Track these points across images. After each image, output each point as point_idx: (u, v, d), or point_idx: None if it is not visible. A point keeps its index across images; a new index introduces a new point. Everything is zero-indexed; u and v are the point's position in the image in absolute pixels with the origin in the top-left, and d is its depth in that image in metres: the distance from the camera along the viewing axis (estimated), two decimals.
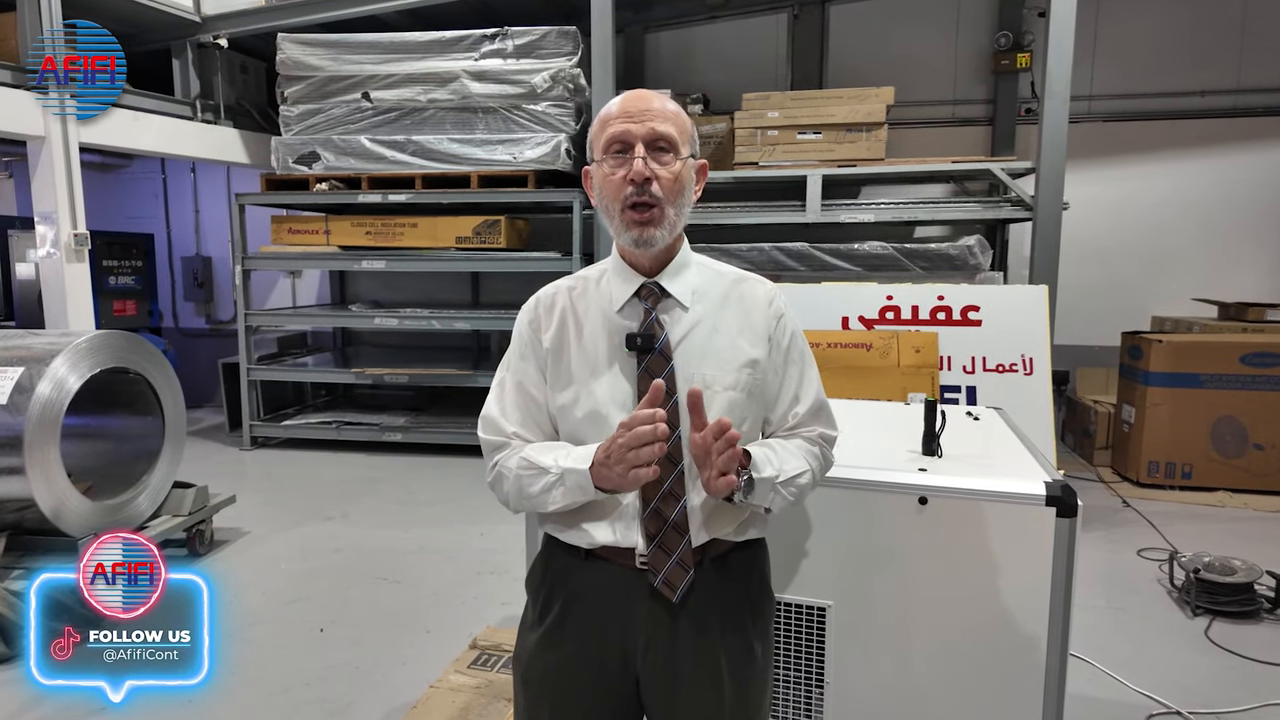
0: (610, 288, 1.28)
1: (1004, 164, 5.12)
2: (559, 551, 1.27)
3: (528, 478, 1.20)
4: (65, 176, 5.09)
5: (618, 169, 1.20)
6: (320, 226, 6.05)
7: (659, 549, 1.19)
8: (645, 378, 1.20)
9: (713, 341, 1.26)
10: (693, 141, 1.26)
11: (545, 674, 1.26)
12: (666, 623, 1.21)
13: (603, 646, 1.23)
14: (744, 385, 1.25)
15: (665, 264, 1.27)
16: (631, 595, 1.21)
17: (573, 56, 5.44)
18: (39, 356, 3.30)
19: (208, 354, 7.48)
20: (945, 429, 2.05)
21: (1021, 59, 5.93)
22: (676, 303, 1.26)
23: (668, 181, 1.20)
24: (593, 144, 1.26)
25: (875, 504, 1.63)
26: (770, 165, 5.44)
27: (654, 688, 1.23)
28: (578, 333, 1.27)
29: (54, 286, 5.22)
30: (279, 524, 4.49)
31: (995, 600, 1.58)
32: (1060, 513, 1.51)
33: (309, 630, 3.20)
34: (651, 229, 1.20)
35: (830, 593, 1.67)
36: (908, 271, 5.24)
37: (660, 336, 1.23)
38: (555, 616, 1.25)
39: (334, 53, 5.72)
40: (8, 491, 3.17)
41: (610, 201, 1.22)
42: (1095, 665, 2.83)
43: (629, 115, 1.20)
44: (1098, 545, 4.09)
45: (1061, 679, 1.54)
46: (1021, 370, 4.51)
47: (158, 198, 7.86)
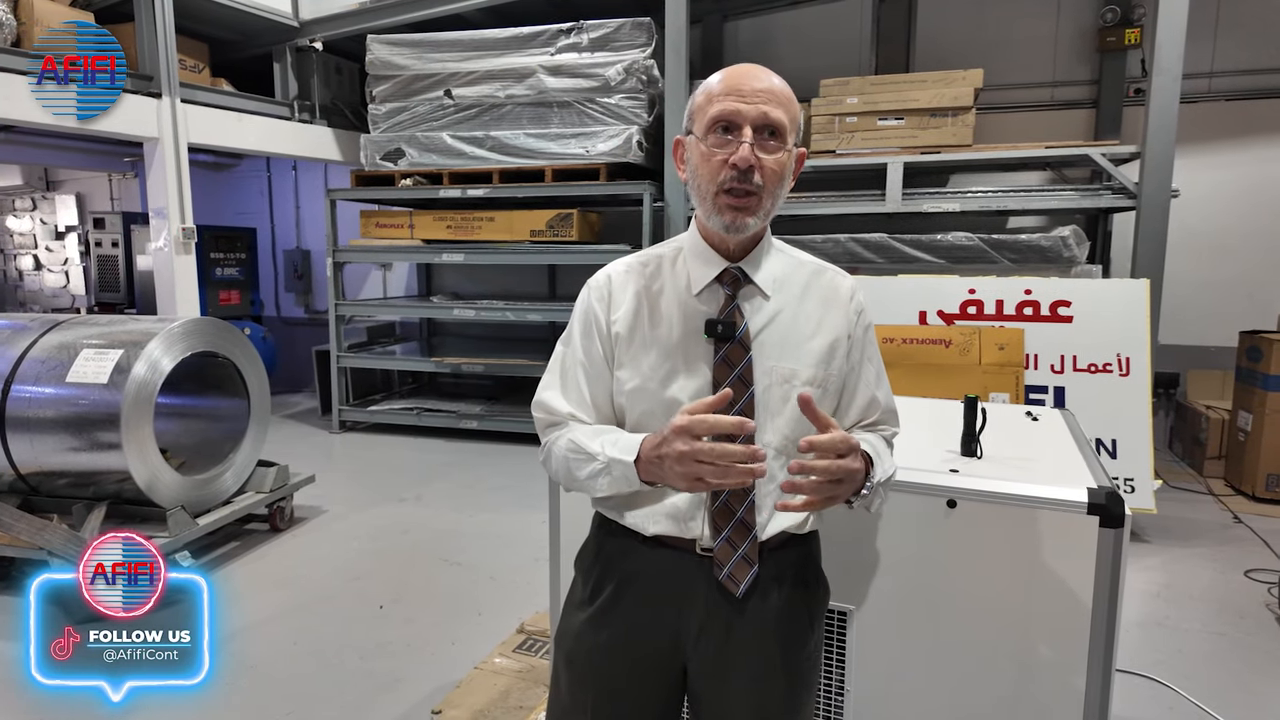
0: (689, 269, 1.22)
1: (1105, 148, 4.74)
2: (615, 533, 1.24)
3: (575, 461, 1.17)
4: (175, 175, 5.49)
5: (719, 149, 1.12)
6: (405, 220, 6.27)
7: (726, 543, 1.16)
8: (723, 367, 1.16)
9: (793, 333, 1.20)
10: (798, 129, 1.18)
11: (591, 654, 1.23)
12: (723, 612, 1.18)
13: (655, 631, 1.20)
14: (823, 381, 1.20)
15: (749, 249, 1.21)
16: (690, 582, 1.18)
17: (646, 48, 5.42)
18: (137, 340, 3.56)
19: (306, 342, 7.91)
20: (996, 429, 1.91)
21: (1130, 35, 5.47)
22: (758, 290, 1.21)
23: (771, 171, 1.13)
24: (694, 115, 1.17)
25: (901, 505, 1.53)
26: (848, 153, 5.25)
27: (704, 676, 1.20)
28: (651, 314, 1.21)
29: (165, 277, 5.64)
30: (356, 504, 4.70)
31: (1030, 615, 1.46)
32: (1104, 522, 1.37)
33: (370, 607, 3.33)
34: (746, 216, 1.14)
35: (852, 597, 1.59)
36: (995, 264, 4.94)
37: (741, 325, 1.17)
38: (607, 598, 1.22)
39: (418, 52, 5.91)
40: (107, 464, 3.45)
41: (706, 182, 1.14)
42: (1180, 693, 2.59)
43: (740, 93, 1.12)
44: (1201, 563, 3.74)
45: (1104, 705, 1.40)
46: (1117, 370, 4.18)
47: (263, 194, 8.38)
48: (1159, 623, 3.16)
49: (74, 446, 3.47)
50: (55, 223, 9.25)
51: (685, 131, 1.20)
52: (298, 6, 6.30)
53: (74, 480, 3.59)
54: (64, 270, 9.14)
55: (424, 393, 7.20)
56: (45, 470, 3.58)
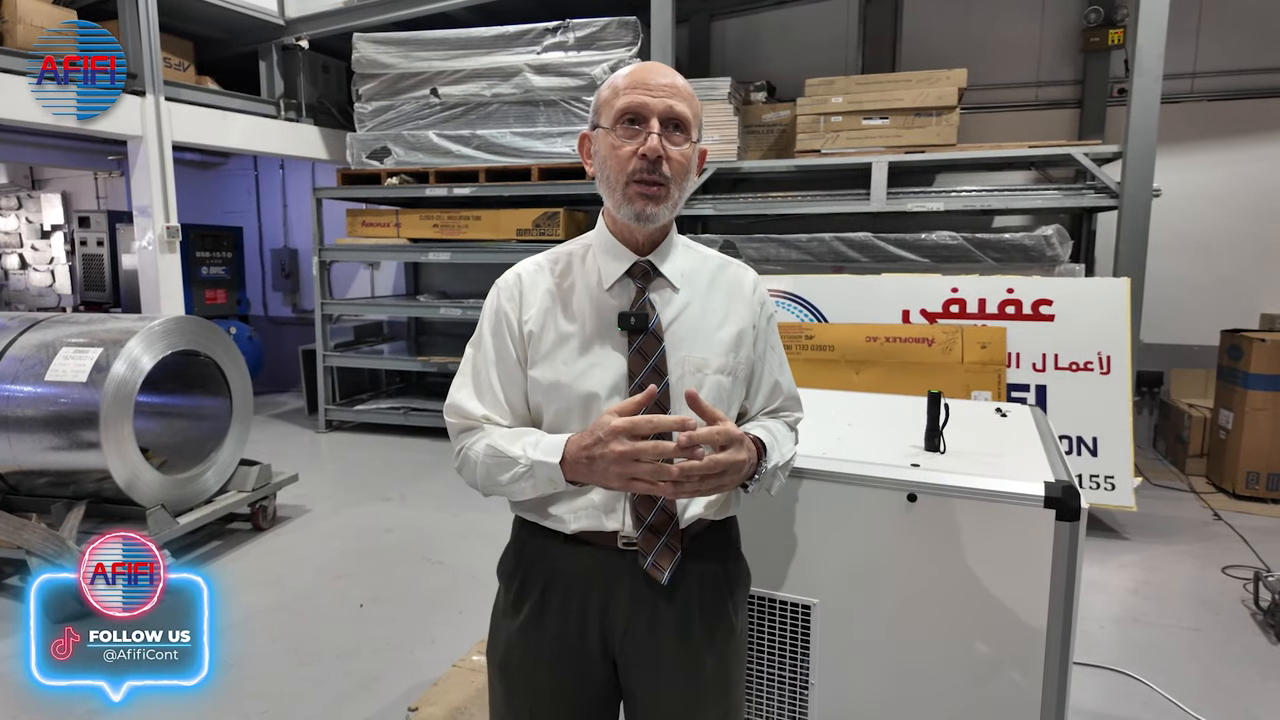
0: (599, 264, 1.24)
1: (1087, 148, 4.77)
2: (534, 536, 1.24)
3: (495, 466, 1.17)
4: (160, 173, 5.47)
5: (628, 140, 1.15)
6: (391, 219, 6.26)
7: (649, 531, 1.17)
8: (637, 358, 1.18)
9: (703, 324, 1.24)
10: (701, 125, 1.22)
11: (524, 663, 1.23)
12: (649, 603, 1.19)
13: (583, 630, 1.20)
14: (731, 369, 1.24)
15: (657, 243, 1.24)
16: (614, 577, 1.19)
17: (633, 47, 5.42)
18: (117, 338, 3.55)
19: (294, 341, 7.89)
20: (964, 426, 1.93)
21: (1114, 35, 5.51)
22: (667, 283, 1.23)
23: (678, 163, 1.16)
24: (600, 109, 1.20)
25: (863, 500, 1.54)
26: (833, 152, 5.26)
27: (634, 669, 1.21)
28: (564, 310, 1.22)
29: (149, 276, 5.62)
30: (340, 503, 4.69)
31: (988, 607, 1.47)
32: (1061, 515, 1.38)
33: (350, 605, 3.32)
34: (656, 206, 1.16)
35: (816, 591, 1.59)
36: (979, 263, 4.96)
37: (653, 317, 1.20)
38: (534, 603, 1.22)
39: (404, 50, 5.90)
40: (86, 463, 3.43)
41: (615, 173, 1.16)
42: (1153, 688, 2.61)
43: (646, 87, 1.15)
44: (1180, 560, 3.77)
45: (1062, 695, 1.41)
46: (1098, 369, 4.20)
47: (250, 193, 8.35)
48: (1135, 619, 3.18)
49: (53, 445, 3.45)
50: (41, 221, 9.20)
51: (591, 126, 1.22)
52: (284, 5, 6.29)
53: (53, 479, 3.58)
54: (50, 269, 9.09)
55: (411, 392, 7.19)
56: (24, 469, 3.57)
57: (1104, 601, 3.33)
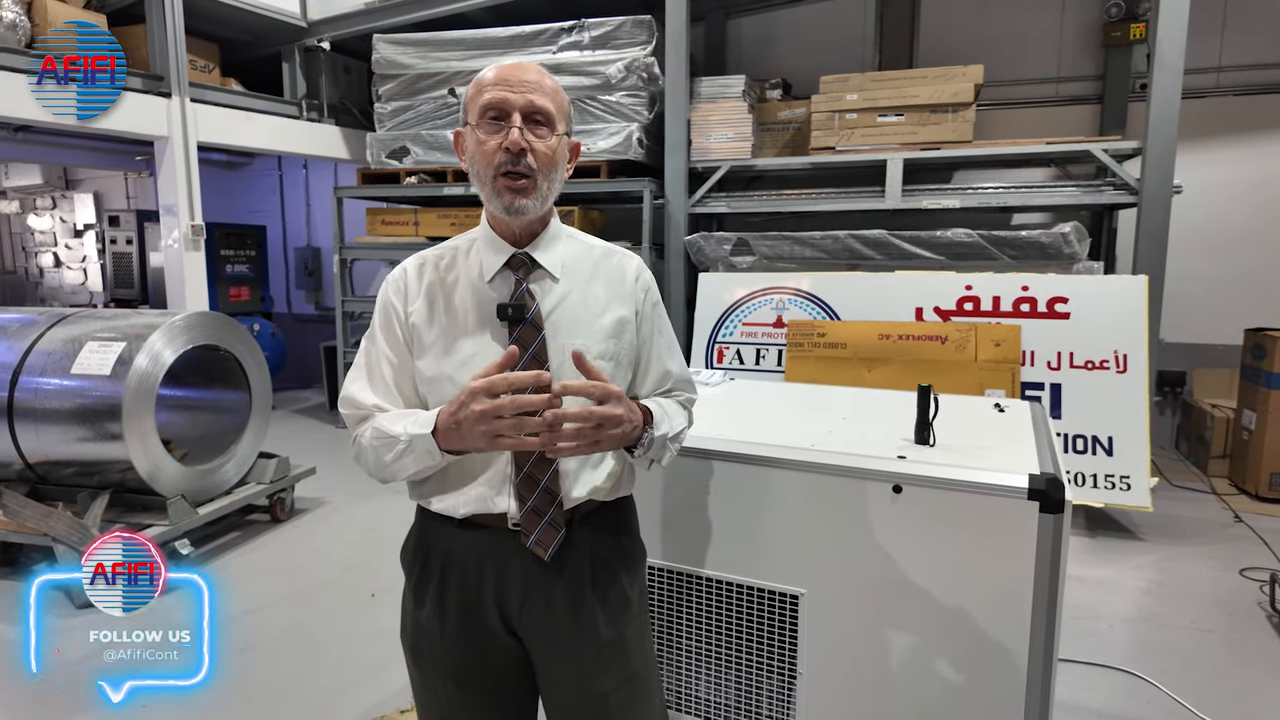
0: (480, 258, 1.27)
1: (1105, 144, 4.71)
2: (431, 522, 1.29)
3: (381, 447, 1.20)
4: (185, 173, 5.60)
5: (492, 136, 1.19)
6: (410, 218, 6.34)
7: (531, 512, 1.21)
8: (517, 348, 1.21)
9: (583, 312, 1.27)
10: (569, 119, 1.26)
11: (432, 645, 1.28)
12: (540, 580, 1.23)
13: (482, 607, 1.25)
14: (613, 354, 1.28)
15: (536, 235, 1.28)
16: (504, 556, 1.23)
17: (647, 45, 5.45)
18: (140, 333, 3.65)
19: (317, 338, 8.02)
20: (960, 420, 1.93)
21: (1136, 29, 5.42)
22: (547, 274, 1.27)
23: (543, 155, 1.20)
24: (467, 106, 1.24)
25: (849, 491, 1.55)
26: (848, 149, 5.25)
27: (535, 644, 1.27)
28: (446, 303, 1.26)
29: (175, 273, 5.76)
30: (357, 496, 4.77)
31: (973, 598, 1.47)
32: (1045, 507, 1.39)
33: (362, 595, 3.39)
34: (524, 198, 1.20)
35: (803, 580, 1.61)
36: (995, 260, 4.91)
37: (531, 307, 1.23)
38: (435, 586, 1.27)
39: (423, 51, 5.98)
40: (110, 454, 3.53)
41: (483, 167, 1.21)
42: (1159, 687, 2.58)
43: (508, 84, 1.19)
44: (1197, 562, 3.71)
45: (1046, 686, 1.42)
46: (1114, 368, 4.15)
47: (274, 192, 8.50)
48: (1147, 619, 3.14)
49: (79, 436, 3.56)
50: (74, 221, 9.44)
51: (462, 123, 1.26)
52: (306, 7, 6.40)
53: (79, 469, 3.69)
54: (82, 267, 9.33)
55: None
56: (52, 459, 3.68)
57: (1115, 601, 3.30)
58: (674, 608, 1.75)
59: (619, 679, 1.28)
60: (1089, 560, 3.72)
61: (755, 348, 4.92)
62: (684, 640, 1.75)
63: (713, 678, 1.73)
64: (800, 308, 4.83)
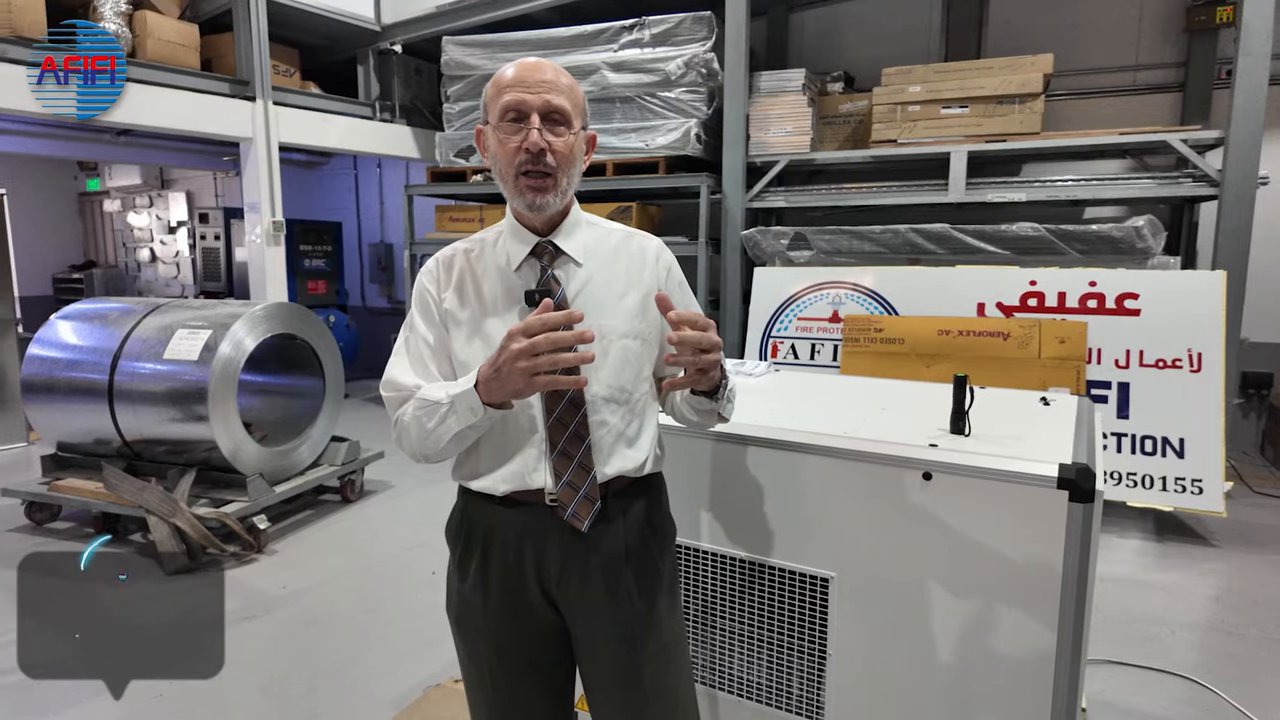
0: (506, 248, 1.33)
1: (1184, 134, 4.51)
2: (473, 500, 1.36)
3: (424, 415, 1.24)
4: (267, 172, 5.93)
5: (512, 137, 1.24)
6: (476, 215, 6.55)
7: (567, 486, 1.28)
8: None
9: (607, 294, 1.33)
10: (584, 114, 1.31)
11: (475, 614, 1.35)
12: (577, 552, 1.30)
13: (523, 580, 1.32)
14: (638, 333, 1.33)
15: (558, 224, 1.33)
16: (543, 530, 1.30)
17: (707, 41, 5.48)
18: (224, 322, 3.91)
19: (389, 331, 8.35)
20: (1001, 412, 1.93)
21: (1222, 13, 5.15)
22: (570, 259, 1.32)
23: (562, 152, 1.25)
24: (487, 106, 1.28)
25: (881, 477, 1.58)
26: (910, 142, 5.17)
27: (573, 612, 1.34)
28: (476, 291, 1.32)
29: (257, 266, 6.11)
30: (423, 480, 4.98)
31: (1002, 587, 1.49)
32: (1074, 497, 1.39)
33: (423, 572, 3.56)
34: (545, 195, 1.26)
35: (834, 564, 1.65)
36: (1063, 255, 4.77)
37: (557, 292, 1.29)
38: (477, 560, 1.34)
39: (489, 51, 6.16)
40: (197, 434, 3.81)
41: (505, 166, 1.26)
42: (1219, 694, 2.50)
43: (525, 85, 1.23)
44: (1270, 570, 3.55)
45: (1074, 675, 1.42)
46: (1187, 366, 3.99)
47: (350, 190, 8.89)
48: (1212, 626, 3.03)
49: (170, 417, 3.84)
50: (168, 218, 10.07)
51: (483, 122, 1.31)
52: (380, 11, 6.67)
53: (170, 448, 3.98)
54: (175, 262, 9.94)
55: None
56: (146, 438, 3.98)
57: (1180, 607, 3.19)
58: (711, 588, 1.81)
59: (651, 650, 1.34)
60: (1154, 565, 3.59)
61: (810, 342, 4.91)
62: (720, 619, 1.81)
63: (747, 656, 1.79)
64: (857, 302, 4.80)
